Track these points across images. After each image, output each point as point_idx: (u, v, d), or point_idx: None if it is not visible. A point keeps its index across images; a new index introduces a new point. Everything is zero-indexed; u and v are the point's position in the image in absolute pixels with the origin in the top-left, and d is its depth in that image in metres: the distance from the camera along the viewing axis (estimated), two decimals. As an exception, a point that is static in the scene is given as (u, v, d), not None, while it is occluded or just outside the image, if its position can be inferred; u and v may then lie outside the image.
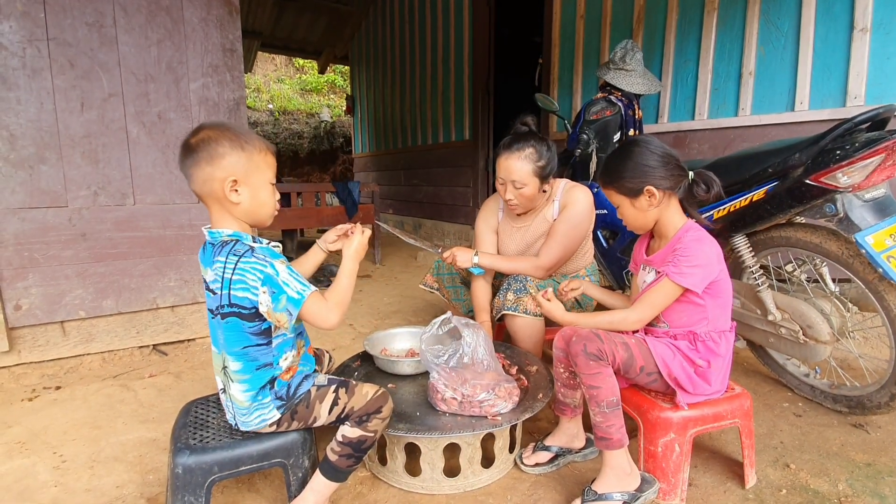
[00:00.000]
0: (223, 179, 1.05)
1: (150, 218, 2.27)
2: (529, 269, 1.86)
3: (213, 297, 1.11)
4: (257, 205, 1.11)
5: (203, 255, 1.14)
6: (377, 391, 1.23)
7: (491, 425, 1.31)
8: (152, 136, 2.24)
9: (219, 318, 1.11)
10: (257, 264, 1.04)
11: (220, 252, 1.08)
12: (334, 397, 1.20)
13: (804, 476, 1.45)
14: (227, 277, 1.05)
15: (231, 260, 1.05)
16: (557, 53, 4.04)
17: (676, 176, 1.33)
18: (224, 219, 1.11)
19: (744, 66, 2.88)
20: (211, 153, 1.05)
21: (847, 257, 1.56)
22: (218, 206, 1.09)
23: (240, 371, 1.12)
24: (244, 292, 1.05)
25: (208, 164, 1.05)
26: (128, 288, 2.25)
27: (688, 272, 1.28)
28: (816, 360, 1.73)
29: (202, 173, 1.05)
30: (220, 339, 1.13)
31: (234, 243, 1.08)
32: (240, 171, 1.06)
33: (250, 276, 1.04)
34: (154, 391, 1.95)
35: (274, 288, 1.04)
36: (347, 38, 7.78)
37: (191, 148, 1.06)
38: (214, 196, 1.08)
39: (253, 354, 1.12)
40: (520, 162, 1.75)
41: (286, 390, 1.18)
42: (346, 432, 1.21)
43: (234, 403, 1.15)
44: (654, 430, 1.33)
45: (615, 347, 1.29)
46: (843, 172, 1.44)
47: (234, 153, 1.06)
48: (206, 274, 1.12)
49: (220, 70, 2.35)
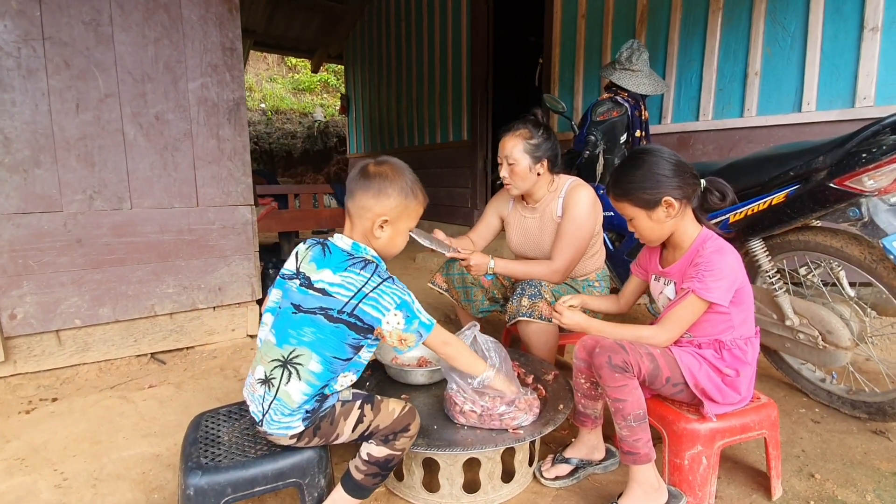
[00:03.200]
0: (378, 215, 1.14)
1: (147, 222, 2.19)
2: (544, 273, 1.82)
3: (321, 297, 1.10)
4: (391, 245, 1.21)
5: (322, 255, 1.16)
6: (404, 408, 1.19)
7: (513, 440, 1.26)
8: (150, 138, 2.16)
9: (322, 317, 1.10)
10: (398, 291, 1.12)
11: (363, 268, 1.11)
12: (359, 414, 1.15)
13: (830, 486, 1.42)
14: (365, 292, 1.09)
15: (375, 280, 1.10)
16: (558, 53, 4.01)
17: (692, 184, 1.30)
18: (363, 242, 1.18)
19: (749, 66, 2.86)
20: (381, 189, 1.14)
21: (870, 262, 1.53)
22: (361, 230, 1.18)
23: (317, 374, 1.10)
24: (374, 311, 1.09)
25: (374, 197, 1.14)
26: (125, 295, 2.18)
27: (714, 286, 1.24)
28: (836, 365, 1.70)
29: (365, 201, 1.14)
30: (311, 335, 1.10)
31: (377, 266, 1.13)
32: (394, 214, 1.16)
33: (388, 299, 1.09)
34: (155, 403, 1.88)
35: (409, 313, 1.11)
36: (342, 37, 7.70)
37: (368, 175, 1.15)
38: (362, 222, 1.16)
39: (334, 364, 1.12)
40: (513, 140, 1.84)
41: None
42: (373, 451, 1.17)
43: (280, 399, 1.10)
44: (681, 443, 1.29)
45: (640, 359, 1.25)
46: (869, 176, 1.41)
47: (398, 198, 1.15)
48: (314, 272, 1.13)
49: (220, 69, 2.28)
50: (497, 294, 2.12)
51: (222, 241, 2.37)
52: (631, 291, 1.58)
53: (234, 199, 2.38)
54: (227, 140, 2.33)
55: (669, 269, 1.37)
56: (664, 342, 1.30)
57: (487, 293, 2.11)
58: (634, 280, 1.56)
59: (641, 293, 1.58)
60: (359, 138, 7.94)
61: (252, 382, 1.16)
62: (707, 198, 1.32)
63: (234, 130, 2.35)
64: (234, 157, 2.36)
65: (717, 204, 1.31)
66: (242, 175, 2.39)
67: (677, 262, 1.35)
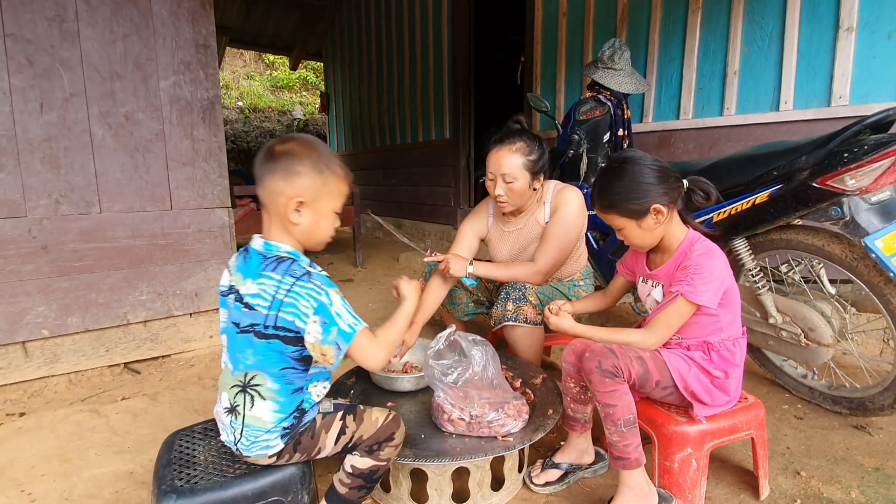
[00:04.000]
0: (290, 198, 1.01)
1: (118, 227, 2.10)
2: (527, 275, 1.80)
3: (248, 312, 1.01)
4: (316, 230, 1.07)
5: (243, 263, 1.05)
6: (388, 416, 1.14)
7: (503, 448, 1.24)
8: (119, 139, 2.07)
9: (252, 335, 1.01)
10: (314, 291, 0.98)
11: (275, 268, 1.00)
12: (341, 426, 1.11)
13: (816, 484, 1.44)
14: (280, 298, 0.98)
15: (287, 280, 0.98)
16: (540, 51, 3.99)
17: (676, 188, 1.28)
18: (281, 234, 1.05)
19: (728, 65, 2.89)
20: (289, 168, 1.00)
21: (851, 260, 1.55)
22: (277, 219, 1.04)
23: (277, 392, 1.04)
24: (293, 317, 0.98)
25: (283, 178, 1.00)
26: (95, 303, 2.08)
27: (702, 289, 1.23)
28: (818, 362, 1.73)
29: (273, 184, 1.01)
30: (252, 357, 1.02)
31: (292, 262, 1.01)
32: (309, 194, 1.02)
33: (304, 301, 0.97)
34: (128, 416, 1.80)
35: (326, 318, 0.97)
36: (320, 34, 7.57)
37: (273, 156, 1.01)
38: (276, 209, 1.03)
39: (290, 377, 1.04)
40: (511, 155, 1.71)
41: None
42: (357, 463, 1.12)
43: (249, 425, 1.04)
44: (670, 445, 1.29)
45: (630, 363, 1.24)
46: (851, 175, 1.42)
47: (310, 175, 1.01)
48: (240, 284, 1.03)
49: (193, 67, 2.19)
50: (482, 297, 2.10)
51: (198, 245, 2.29)
52: (617, 290, 1.57)
53: (209, 201, 2.30)
54: (202, 140, 2.25)
55: (657, 272, 1.36)
56: (653, 346, 1.29)
57: (472, 296, 2.08)
58: (621, 279, 1.54)
59: (627, 291, 1.58)
60: (339, 137, 7.83)
61: (219, 411, 1.11)
62: (691, 197, 1.31)
63: (210, 130, 2.27)
64: (209, 157, 2.28)
65: (701, 203, 1.30)
66: (218, 177, 2.31)
67: (665, 264, 1.34)
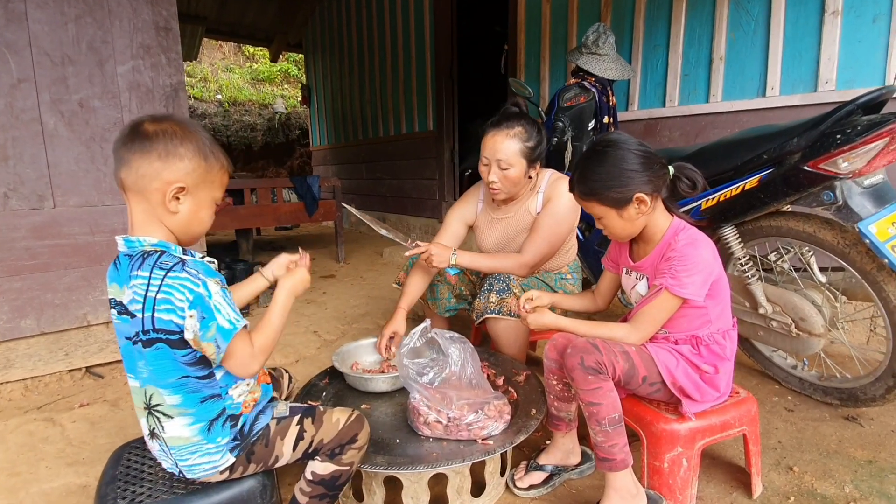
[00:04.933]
0: (169, 183, 0.89)
1: (74, 222, 1.97)
2: (512, 266, 1.71)
3: (131, 321, 0.88)
4: (195, 221, 0.95)
5: (114, 271, 0.92)
6: (349, 416, 1.05)
7: (483, 452, 1.15)
8: (73, 128, 1.93)
9: (140, 345, 0.89)
10: (188, 281, 0.85)
11: (142, 265, 0.87)
12: (299, 430, 1.02)
13: (809, 479, 1.38)
14: (151, 296, 0.85)
15: (157, 274, 0.86)
16: (523, 39, 3.90)
17: (661, 175, 1.20)
18: (149, 224, 0.91)
19: (714, 51, 2.83)
20: (168, 149, 0.88)
21: (843, 246, 1.49)
22: (147, 207, 0.90)
23: (180, 405, 0.91)
24: (169, 314, 0.85)
25: (160, 159, 0.88)
26: (51, 304, 1.95)
27: (687, 282, 1.15)
28: (809, 353, 1.67)
29: (147, 167, 0.87)
30: (145, 371, 0.90)
31: (160, 254, 0.88)
32: (191, 180, 0.91)
33: (178, 294, 0.85)
34: (85, 425, 1.68)
35: (204, 312, 0.86)
36: (300, 24, 7.38)
37: (145, 134, 0.88)
38: (147, 196, 0.89)
39: (193, 385, 0.91)
40: (508, 140, 1.62)
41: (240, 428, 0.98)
42: (317, 469, 1.03)
43: (173, 447, 0.94)
44: (660, 445, 1.21)
45: (615, 358, 1.16)
46: (843, 158, 1.36)
47: (194, 160, 0.91)
48: (119, 294, 0.90)
49: (154, 51, 2.06)
50: (465, 291, 2.01)
51: (164, 240, 2.16)
52: (606, 288, 1.48)
53: (175, 194, 2.17)
54: (165, 130, 2.12)
55: (641, 263, 1.28)
56: (637, 342, 1.22)
57: (454, 290, 1.99)
58: (608, 275, 1.46)
59: (618, 287, 1.49)
60: (322, 130, 7.66)
61: (146, 437, 0.99)
62: (676, 185, 1.23)
63: (173, 119, 2.13)
64: (173, 148, 2.14)
65: (686, 192, 1.22)
66: (184, 168, 2.18)
67: (648, 255, 1.26)
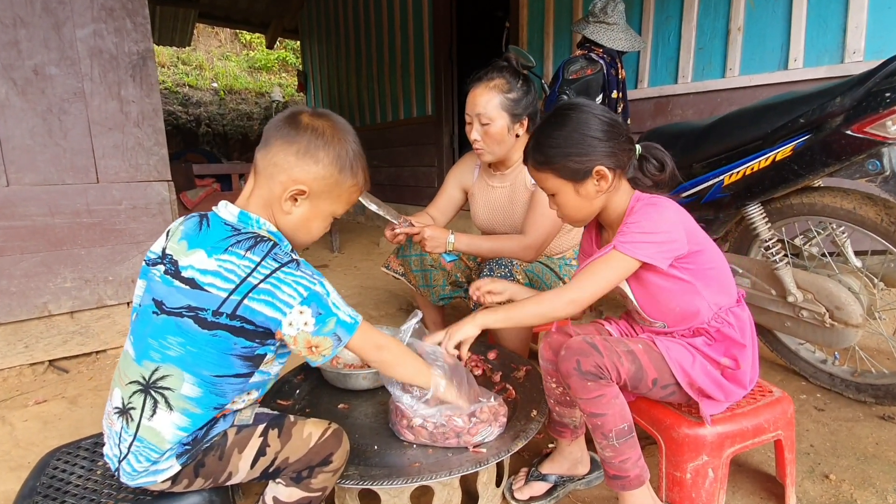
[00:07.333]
0: (294, 181, 0.84)
1: (31, 203, 1.79)
2: (516, 249, 1.55)
3: (190, 291, 0.78)
4: (303, 229, 0.89)
5: (195, 230, 0.83)
6: (324, 432, 0.88)
7: (474, 462, 0.98)
8: (27, 98, 1.75)
9: (192, 322, 0.77)
10: (303, 279, 0.80)
11: (251, 248, 0.79)
12: (261, 443, 0.85)
13: (847, 488, 1.22)
14: (252, 282, 0.77)
15: (269, 265, 0.79)
16: (526, 15, 3.70)
17: (627, 150, 1.01)
18: (261, 211, 0.85)
19: (731, 21, 2.63)
20: (309, 148, 0.84)
21: (887, 224, 1.31)
22: (266, 195, 0.85)
23: (196, 401, 0.80)
24: (266, 306, 0.78)
25: (297, 155, 0.83)
26: (6, 292, 1.78)
27: (641, 243, 0.97)
28: (843, 345, 1.49)
29: (282, 157, 0.83)
30: (177, 349, 0.78)
31: (274, 245, 0.82)
32: (317, 187, 0.85)
33: (289, 290, 0.78)
34: (37, 424, 1.52)
35: (322, 309, 0.80)
36: (296, 8, 7.15)
37: (298, 124, 0.85)
38: (271, 185, 0.85)
39: (222, 387, 0.81)
40: (487, 93, 1.51)
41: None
42: (280, 495, 0.86)
43: (142, 438, 0.78)
44: (681, 452, 1.04)
45: (618, 359, 0.98)
46: (893, 120, 1.17)
47: (329, 168, 0.85)
48: (185, 255, 0.80)
49: (118, 14, 1.87)
50: (461, 277, 1.84)
51: (133, 223, 1.99)
52: None
53: (144, 173, 2.00)
54: (133, 102, 1.94)
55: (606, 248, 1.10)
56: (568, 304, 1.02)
57: (449, 277, 1.82)
58: None
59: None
60: (318, 118, 7.46)
61: (109, 411, 0.84)
62: (643, 167, 1.04)
63: (141, 90, 1.96)
64: (142, 122, 1.97)
65: (654, 174, 1.03)
66: (154, 144, 2.00)
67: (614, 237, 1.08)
